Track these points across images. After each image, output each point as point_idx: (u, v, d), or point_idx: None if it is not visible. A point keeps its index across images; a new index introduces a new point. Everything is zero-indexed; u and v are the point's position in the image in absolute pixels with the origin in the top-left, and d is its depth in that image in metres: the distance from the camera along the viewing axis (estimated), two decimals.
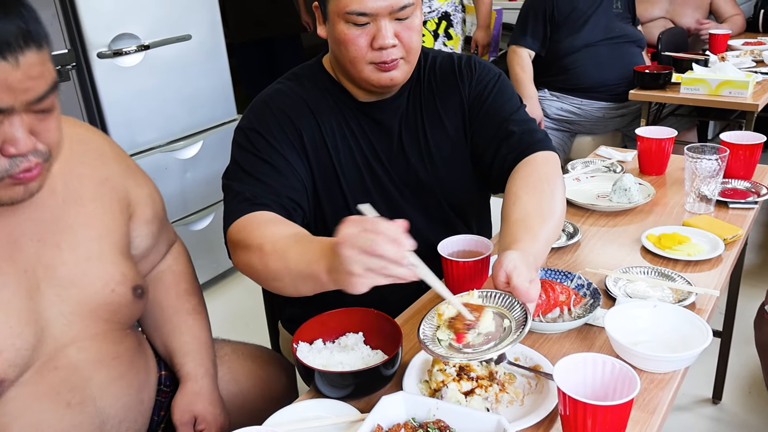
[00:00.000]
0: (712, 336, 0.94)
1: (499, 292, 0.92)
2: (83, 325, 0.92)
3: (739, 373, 2.08)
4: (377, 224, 0.77)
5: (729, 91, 2.33)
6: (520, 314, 0.88)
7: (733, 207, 1.45)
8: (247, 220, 1.04)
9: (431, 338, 0.89)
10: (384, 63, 1.09)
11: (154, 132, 2.38)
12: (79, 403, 0.90)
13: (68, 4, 2.06)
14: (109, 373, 0.95)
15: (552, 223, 1.05)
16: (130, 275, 0.98)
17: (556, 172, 1.15)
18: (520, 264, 0.91)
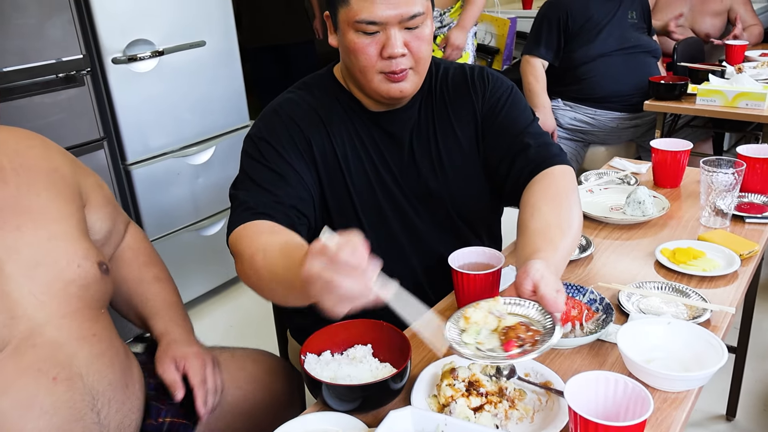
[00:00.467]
0: (727, 355, 0.92)
1: (525, 300, 0.91)
2: (56, 304, 0.94)
3: (753, 389, 2.05)
4: (338, 256, 0.72)
5: (746, 102, 2.30)
6: (548, 323, 0.87)
7: (749, 222, 1.43)
8: (245, 230, 1.04)
9: (458, 341, 0.88)
10: (393, 73, 1.09)
11: (166, 137, 2.39)
12: (66, 379, 0.92)
13: (84, 9, 2.07)
14: (91, 350, 0.96)
15: (571, 236, 1.04)
16: (93, 252, 1.01)
17: (573, 186, 1.15)
18: (547, 273, 0.90)
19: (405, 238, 1.25)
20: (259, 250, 0.96)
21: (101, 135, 2.18)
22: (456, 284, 1.12)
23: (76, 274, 0.97)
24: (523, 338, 0.85)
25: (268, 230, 1.03)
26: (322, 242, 0.74)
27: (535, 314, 0.90)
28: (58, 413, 0.90)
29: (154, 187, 2.39)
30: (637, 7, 2.80)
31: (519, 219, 1.11)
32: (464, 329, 0.90)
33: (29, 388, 0.88)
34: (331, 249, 0.73)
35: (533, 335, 0.85)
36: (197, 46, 2.40)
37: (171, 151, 2.41)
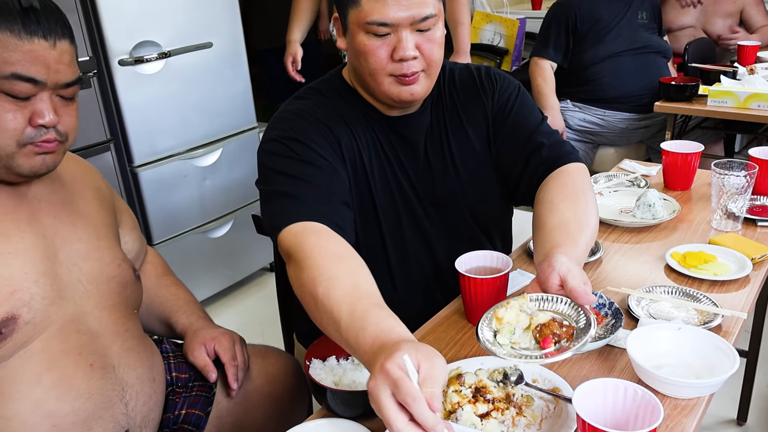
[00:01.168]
0: (738, 362, 0.90)
1: (553, 295, 0.90)
2: (99, 296, 1.00)
3: (765, 393, 2.02)
4: (412, 404, 0.67)
5: (758, 104, 2.27)
6: (581, 318, 0.86)
7: (761, 225, 1.41)
8: (306, 235, 0.97)
9: (492, 342, 0.87)
10: (404, 76, 1.07)
11: (173, 139, 2.39)
12: (101, 367, 0.97)
13: (91, 11, 2.08)
14: (123, 344, 1.02)
15: (589, 231, 1.03)
16: (127, 259, 1.10)
17: (588, 184, 1.14)
18: (573, 266, 0.89)
19: (417, 242, 1.24)
20: (322, 281, 0.89)
21: (108, 137, 2.19)
22: (463, 288, 1.11)
23: (118, 271, 1.04)
24: (559, 334, 0.84)
25: (333, 250, 0.95)
26: (402, 370, 0.69)
27: (565, 309, 0.89)
28: (92, 398, 0.95)
29: (161, 190, 2.39)
30: (647, 7, 2.78)
31: (535, 215, 1.09)
32: (497, 330, 0.88)
33: (69, 370, 0.93)
34: (404, 389, 0.68)
35: (568, 330, 0.84)
36: (204, 48, 2.40)
37: (178, 153, 2.41)
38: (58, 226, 0.99)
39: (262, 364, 1.25)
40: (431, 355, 0.72)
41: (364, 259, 1.20)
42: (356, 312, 0.83)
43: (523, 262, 1.33)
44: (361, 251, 1.20)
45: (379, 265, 1.22)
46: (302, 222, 0.99)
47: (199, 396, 1.15)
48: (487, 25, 4.03)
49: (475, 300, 1.10)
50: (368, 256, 1.21)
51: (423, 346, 0.73)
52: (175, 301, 1.24)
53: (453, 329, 1.13)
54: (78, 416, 0.93)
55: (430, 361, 0.71)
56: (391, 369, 0.69)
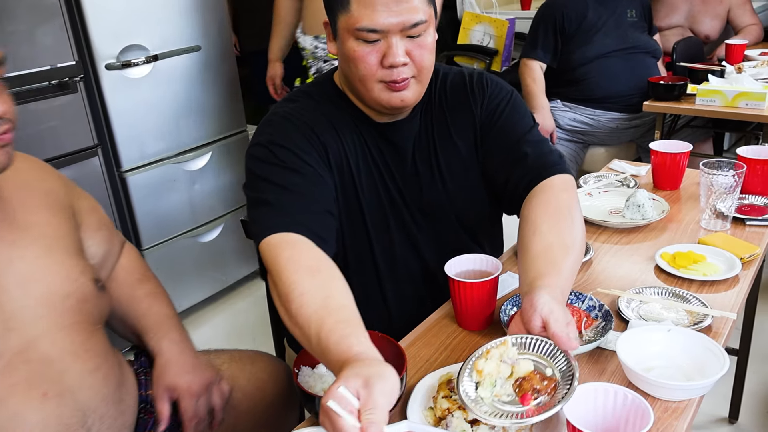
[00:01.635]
0: (728, 363, 0.90)
1: (534, 337, 0.89)
2: (52, 318, 0.93)
3: (756, 391, 2.03)
4: None
5: (746, 102, 2.28)
6: (563, 363, 0.84)
7: (750, 224, 1.41)
8: (283, 247, 0.97)
9: (474, 399, 0.83)
10: (394, 82, 1.06)
11: (162, 143, 2.38)
12: (56, 395, 0.90)
13: (76, 15, 2.06)
14: (84, 365, 0.95)
15: (574, 253, 1.02)
16: (89, 269, 1.01)
17: (574, 198, 1.11)
18: (556, 307, 0.88)
19: (405, 246, 1.23)
20: (295, 298, 0.90)
21: (95, 142, 2.17)
22: (453, 293, 1.10)
23: (73, 288, 0.96)
24: (539, 389, 0.82)
25: (308, 263, 0.95)
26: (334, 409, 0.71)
27: (548, 350, 0.87)
28: (47, 430, 0.89)
29: (150, 194, 2.37)
30: (637, 5, 2.78)
31: (519, 236, 1.08)
32: (479, 382, 0.85)
33: (19, 406, 0.87)
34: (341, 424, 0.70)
35: (549, 383, 0.82)
36: (192, 51, 2.39)
37: (167, 157, 2.40)
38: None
39: (251, 370, 1.23)
40: (371, 380, 0.73)
41: (352, 264, 1.20)
42: (322, 332, 0.84)
43: (514, 264, 1.33)
44: (348, 257, 1.20)
45: (367, 270, 1.22)
46: (281, 233, 0.99)
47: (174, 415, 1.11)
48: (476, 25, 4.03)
49: (465, 304, 1.09)
50: (356, 261, 1.21)
51: (367, 370, 0.74)
52: (147, 318, 1.16)
53: (443, 334, 1.12)
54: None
55: (369, 387, 0.72)
56: (327, 407, 0.71)
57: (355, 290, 1.24)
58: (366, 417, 0.70)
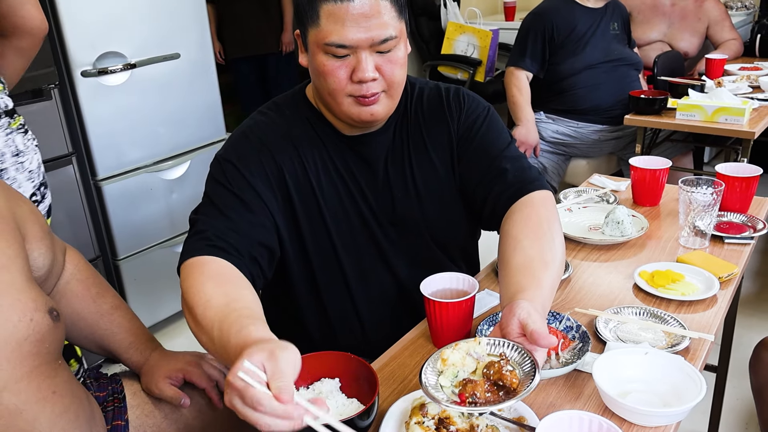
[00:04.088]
0: (705, 389, 0.89)
1: (507, 341, 0.88)
2: (11, 367, 0.85)
3: (735, 407, 2.03)
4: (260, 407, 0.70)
5: (725, 117, 2.29)
6: (529, 367, 0.84)
7: (729, 242, 1.41)
8: (196, 266, 0.98)
9: (434, 385, 0.84)
10: (364, 97, 1.05)
11: (139, 152, 2.34)
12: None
13: (52, 21, 2.02)
14: (53, 409, 0.90)
15: (554, 268, 1.01)
16: (41, 299, 0.91)
17: (554, 215, 1.11)
18: (533, 312, 0.88)
19: (378, 264, 1.21)
20: (200, 303, 0.91)
21: (70, 150, 2.12)
22: (428, 312, 1.08)
23: (30, 329, 0.88)
24: (478, 397, 0.82)
25: (216, 277, 0.96)
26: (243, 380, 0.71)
27: (514, 355, 0.86)
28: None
29: (127, 204, 2.33)
30: (617, 18, 2.79)
31: (500, 252, 1.07)
32: (441, 371, 0.86)
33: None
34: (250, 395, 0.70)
35: (492, 397, 0.82)
36: (171, 59, 2.35)
37: (144, 165, 2.36)
38: None
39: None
40: (275, 351, 0.73)
41: (322, 285, 1.19)
42: (224, 326, 0.84)
43: (491, 282, 1.31)
44: (317, 277, 1.18)
45: (339, 289, 1.20)
46: (200, 256, 0.99)
47: None
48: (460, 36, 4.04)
49: (441, 324, 1.07)
50: (326, 281, 1.19)
51: (268, 344, 0.75)
52: (121, 335, 1.15)
53: (419, 354, 1.10)
54: None
55: (274, 357, 0.72)
56: (233, 381, 0.71)
57: (328, 311, 1.22)
58: (276, 385, 0.70)
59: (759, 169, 1.53)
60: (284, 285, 1.19)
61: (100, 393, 1.09)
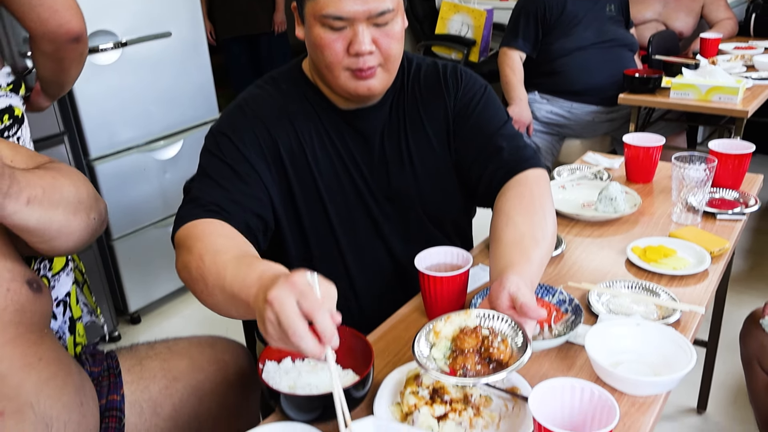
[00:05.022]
0: (695, 359, 0.90)
1: (498, 314, 0.89)
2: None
3: (724, 381, 2.06)
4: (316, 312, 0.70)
5: (719, 96, 2.30)
6: (521, 339, 0.85)
7: (720, 218, 1.42)
8: (196, 227, 0.99)
9: (427, 356, 0.86)
10: (360, 70, 1.05)
11: (132, 131, 2.32)
12: (15, 412, 0.86)
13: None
14: (39, 375, 0.90)
15: (545, 245, 1.03)
16: (18, 270, 0.91)
17: (547, 193, 1.12)
18: (523, 285, 0.89)
19: (373, 238, 1.22)
20: (209, 251, 0.91)
21: (61, 129, 2.11)
22: (423, 286, 1.09)
23: (8, 299, 0.88)
24: (468, 369, 0.83)
25: (224, 233, 0.98)
26: (308, 284, 0.71)
27: (505, 328, 0.87)
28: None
29: (120, 184, 2.32)
30: (616, 1, 2.78)
31: (492, 228, 1.08)
32: (434, 343, 0.87)
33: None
34: (310, 299, 0.70)
35: (482, 370, 0.83)
36: (163, 37, 2.33)
37: (136, 145, 2.35)
38: None
39: (211, 353, 1.22)
40: (325, 279, 0.74)
41: (317, 260, 1.19)
42: (242, 264, 0.84)
43: (485, 258, 1.32)
44: (313, 251, 1.18)
45: (335, 263, 1.20)
46: (198, 219, 1.00)
47: None
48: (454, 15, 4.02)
49: (435, 298, 1.08)
50: (322, 254, 1.19)
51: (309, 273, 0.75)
52: None
53: (413, 328, 1.11)
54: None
55: (327, 282, 0.73)
56: (298, 280, 0.71)
57: None
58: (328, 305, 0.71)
59: (752, 145, 1.53)
60: (279, 259, 1.19)
61: (96, 368, 1.10)
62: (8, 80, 1.26)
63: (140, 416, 1.07)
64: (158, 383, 1.11)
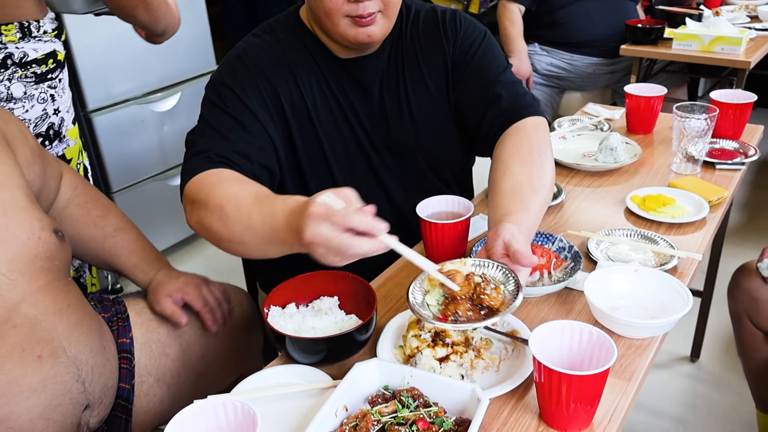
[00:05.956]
0: (692, 302, 0.92)
1: (492, 262, 0.90)
2: (26, 280, 0.90)
3: (717, 331, 2.10)
4: (349, 222, 0.72)
5: (722, 47, 2.27)
6: (513, 286, 0.87)
7: (720, 168, 1.43)
8: (206, 178, 0.98)
9: (421, 303, 0.87)
10: (360, 17, 1.03)
11: (129, 83, 2.30)
12: (50, 355, 0.90)
13: None
14: (69, 321, 0.94)
15: (542, 194, 1.03)
16: (46, 220, 0.96)
17: (546, 141, 1.12)
18: (518, 233, 0.90)
19: (374, 188, 1.22)
20: (228, 200, 0.90)
21: None
22: (424, 234, 1.10)
23: (39, 247, 0.92)
24: (460, 315, 0.84)
25: (235, 179, 0.98)
26: (326, 204, 0.73)
27: (500, 277, 0.88)
28: (46, 390, 0.89)
29: (118, 136, 2.31)
30: None
31: (490, 176, 1.08)
32: (428, 291, 0.88)
33: (16, 371, 0.86)
34: (338, 215, 0.72)
35: (473, 316, 0.84)
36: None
37: (134, 97, 2.33)
38: None
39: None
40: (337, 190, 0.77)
41: None
42: (264, 209, 0.85)
43: (485, 207, 1.32)
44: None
45: None
46: (208, 170, 0.99)
47: None
48: None
49: (436, 245, 1.09)
50: None
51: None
52: (126, 256, 1.17)
53: (414, 275, 1.10)
54: (33, 412, 0.87)
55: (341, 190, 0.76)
56: (315, 209, 0.73)
57: None
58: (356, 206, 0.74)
59: (753, 95, 1.53)
60: None
61: (105, 314, 1.12)
62: (53, 26, 1.31)
63: (150, 357, 1.10)
64: (167, 325, 1.14)
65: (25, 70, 1.24)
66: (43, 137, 1.31)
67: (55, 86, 1.32)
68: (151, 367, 1.09)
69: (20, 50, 1.22)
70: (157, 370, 1.10)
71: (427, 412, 0.76)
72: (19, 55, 1.22)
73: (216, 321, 1.17)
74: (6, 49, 1.20)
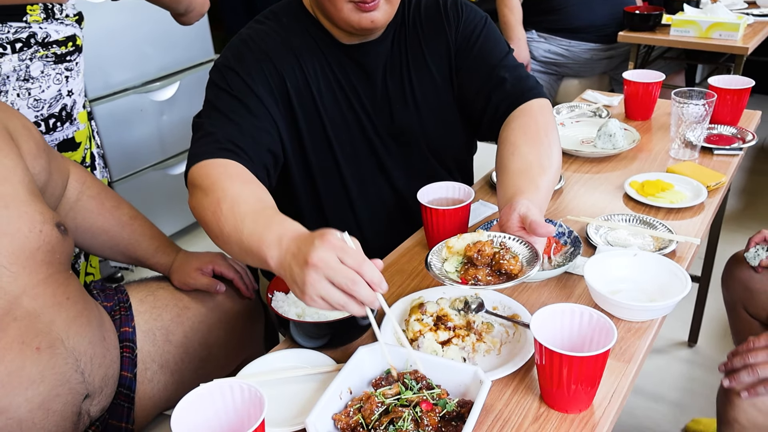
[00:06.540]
0: (690, 285, 0.93)
1: (506, 234, 0.92)
2: (27, 273, 0.91)
3: (715, 316, 2.12)
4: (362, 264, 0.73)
5: (719, 33, 2.28)
6: (529, 254, 0.89)
7: (717, 153, 1.43)
8: (213, 167, 0.98)
9: (440, 269, 0.89)
10: (363, 2, 1.03)
11: (127, 72, 2.30)
12: (48, 347, 0.91)
13: None
14: (68, 313, 0.95)
15: (551, 173, 1.04)
16: (48, 213, 0.96)
17: (552, 122, 1.13)
18: (532, 206, 0.92)
19: (376, 174, 1.23)
20: (227, 198, 0.90)
21: None
22: (425, 220, 1.11)
23: (41, 240, 0.93)
24: (479, 280, 0.86)
25: (239, 177, 0.97)
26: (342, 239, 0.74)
27: (517, 247, 0.90)
28: (45, 381, 0.90)
29: (117, 125, 2.31)
30: None
31: (498, 157, 1.09)
32: (446, 258, 0.90)
33: (15, 362, 0.87)
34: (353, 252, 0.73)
35: (492, 281, 0.86)
36: None
37: (133, 87, 2.32)
38: None
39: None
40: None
41: (322, 194, 1.20)
42: (260, 219, 0.85)
43: (485, 194, 1.34)
44: (318, 185, 1.20)
45: (339, 197, 1.22)
46: (213, 158, 0.99)
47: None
48: None
49: (437, 231, 1.10)
50: (327, 189, 1.20)
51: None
52: (147, 242, 1.19)
53: (415, 260, 1.13)
54: (33, 403, 0.88)
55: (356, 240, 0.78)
56: (332, 239, 0.73)
57: (329, 220, 1.25)
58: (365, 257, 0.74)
59: (751, 81, 1.53)
60: (286, 195, 1.21)
61: (107, 303, 1.13)
62: (74, 11, 1.36)
63: (154, 344, 1.11)
64: (170, 311, 1.15)
65: (47, 50, 1.27)
66: (56, 118, 1.33)
67: (71, 68, 1.37)
68: (154, 353, 1.10)
69: (43, 30, 1.26)
70: (161, 357, 1.11)
71: (431, 394, 0.77)
72: (42, 35, 1.26)
73: (249, 286, 1.22)
74: (30, 28, 1.24)
